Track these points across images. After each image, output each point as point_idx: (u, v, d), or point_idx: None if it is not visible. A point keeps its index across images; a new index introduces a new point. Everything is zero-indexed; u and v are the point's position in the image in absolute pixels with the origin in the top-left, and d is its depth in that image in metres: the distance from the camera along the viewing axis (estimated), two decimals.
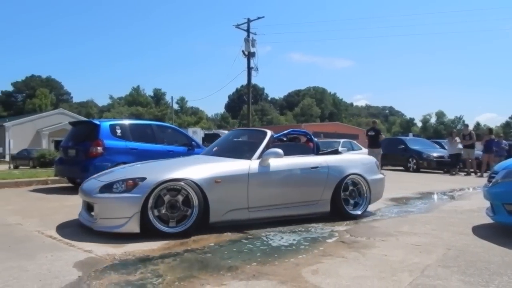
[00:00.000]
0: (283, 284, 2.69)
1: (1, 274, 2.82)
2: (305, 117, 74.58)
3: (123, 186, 3.96)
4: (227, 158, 4.72)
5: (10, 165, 26.26)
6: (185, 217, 4.02)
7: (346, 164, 5.12)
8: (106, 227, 3.95)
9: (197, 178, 4.09)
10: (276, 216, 4.62)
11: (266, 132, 5.03)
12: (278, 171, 4.62)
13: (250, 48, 27.07)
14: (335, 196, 4.92)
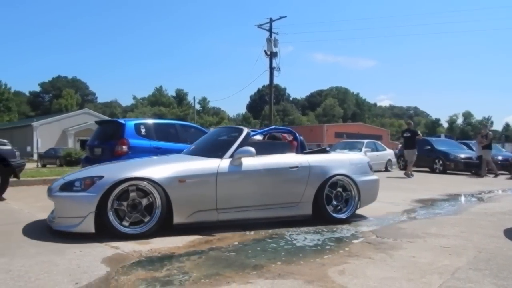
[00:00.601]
0: (309, 283, 2.67)
1: (33, 268, 2.89)
2: (327, 117, 74.06)
3: (82, 185, 3.84)
4: (198, 157, 4.57)
5: (38, 164, 26.96)
6: (147, 218, 3.88)
7: (330, 164, 4.80)
8: (62, 226, 3.85)
9: (157, 177, 3.91)
10: (250, 218, 4.38)
11: (242, 129, 4.79)
12: (252, 171, 4.38)
13: (272, 48, 26.99)
14: (317, 198, 4.64)
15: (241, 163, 4.34)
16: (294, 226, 4.42)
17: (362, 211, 5.26)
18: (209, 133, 5.82)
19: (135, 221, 3.86)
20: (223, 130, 5.74)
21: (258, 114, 74.12)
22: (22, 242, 3.58)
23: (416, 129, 13.73)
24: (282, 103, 78.29)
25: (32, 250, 3.37)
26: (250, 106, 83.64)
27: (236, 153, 4.35)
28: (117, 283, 2.64)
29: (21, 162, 6.93)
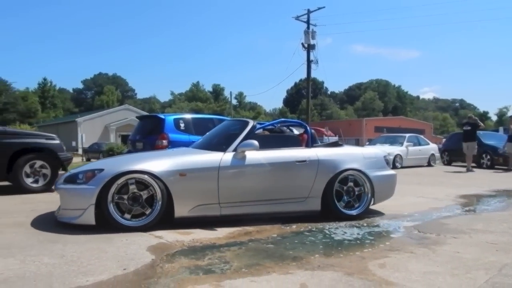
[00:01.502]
0: (349, 276, 2.67)
1: (84, 254, 3.06)
2: (366, 111, 72.47)
3: (83, 178, 3.88)
4: (201, 151, 4.53)
5: (83, 158, 28.15)
6: (148, 211, 3.90)
7: (341, 158, 4.61)
8: (65, 218, 3.93)
9: (157, 170, 3.91)
10: (254, 213, 4.30)
11: (248, 122, 4.68)
12: (256, 165, 4.29)
13: (310, 40, 26.64)
14: (326, 194, 4.48)
15: (245, 157, 4.26)
16: (333, 221, 4.41)
17: (397, 207, 5.18)
18: (218, 126, 5.71)
19: (136, 214, 3.88)
20: (230, 123, 5.62)
21: (295, 108, 73.65)
22: (73, 230, 3.77)
23: (477, 120, 13.09)
24: (320, 97, 77.30)
25: (83, 237, 3.55)
26: (287, 100, 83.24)
27: (239, 146, 4.27)
28: (162, 270, 2.75)
29: (69, 156, 7.27)
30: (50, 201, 5.69)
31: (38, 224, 4.11)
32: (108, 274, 2.64)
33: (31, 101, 58.06)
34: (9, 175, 6.48)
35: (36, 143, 6.73)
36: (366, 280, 2.58)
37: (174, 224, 3.95)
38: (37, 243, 3.37)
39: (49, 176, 6.75)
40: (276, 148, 4.56)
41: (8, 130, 6.95)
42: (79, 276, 2.58)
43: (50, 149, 6.79)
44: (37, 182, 6.66)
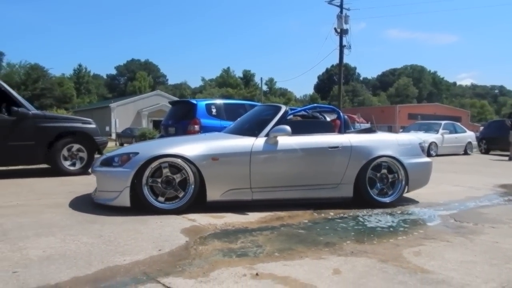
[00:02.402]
0: (383, 262, 2.64)
1: (121, 234, 3.16)
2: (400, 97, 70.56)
3: (119, 161, 3.99)
4: (233, 135, 4.53)
5: (116, 142, 28.86)
6: (181, 194, 3.95)
7: (375, 145, 4.53)
8: (102, 199, 4.05)
9: (190, 154, 3.96)
10: (286, 198, 4.30)
11: (280, 107, 4.65)
12: (287, 150, 4.28)
13: (343, 25, 26.04)
14: (359, 180, 4.42)
15: (277, 142, 4.25)
16: (365, 208, 4.36)
17: (433, 195, 5.06)
18: (250, 112, 5.70)
19: (169, 197, 3.95)
20: (262, 108, 5.59)
21: (326, 94, 72.69)
22: (109, 211, 3.89)
23: None
24: (352, 83, 75.87)
25: (119, 219, 3.66)
26: (318, 86, 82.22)
27: (271, 131, 4.27)
28: (196, 252, 2.80)
29: (104, 140, 7.47)
30: (87, 183, 5.88)
31: (77, 205, 4.26)
32: (144, 254, 2.71)
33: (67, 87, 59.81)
34: (48, 158, 6.72)
35: (74, 127, 6.93)
36: (401, 268, 2.55)
37: (206, 208, 4.00)
38: (76, 223, 3.49)
39: (85, 159, 6.96)
40: (308, 133, 4.53)
41: (48, 115, 7.16)
42: (116, 256, 2.67)
43: (86, 133, 7.00)
44: (74, 165, 6.88)
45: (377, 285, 2.28)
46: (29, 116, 6.47)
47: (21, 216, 3.74)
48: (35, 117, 6.55)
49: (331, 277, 2.39)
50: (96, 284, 2.21)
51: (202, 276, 2.36)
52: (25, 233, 3.16)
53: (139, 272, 2.39)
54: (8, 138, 6.29)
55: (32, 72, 52.95)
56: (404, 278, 2.38)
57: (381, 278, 2.37)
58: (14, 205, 4.29)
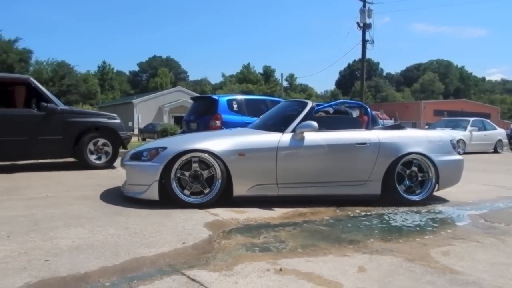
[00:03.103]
0: (410, 261, 2.60)
1: (146, 227, 3.21)
2: (425, 93, 68.51)
3: (148, 155, 4.06)
4: (259, 131, 4.54)
5: (139, 138, 29.31)
6: (207, 189, 3.99)
7: (404, 141, 4.44)
8: (131, 192, 4.13)
9: (217, 149, 3.99)
10: (312, 194, 4.27)
11: (307, 103, 4.61)
12: (314, 146, 4.24)
13: (366, 19, 25.50)
14: (387, 177, 4.34)
15: (303, 138, 4.22)
16: (390, 205, 4.29)
17: (461, 194, 4.94)
18: (276, 107, 5.67)
19: (196, 191, 3.99)
20: (288, 104, 5.56)
21: (347, 90, 71.64)
22: (134, 204, 3.96)
23: None
24: (374, 79, 74.40)
25: (144, 212, 3.72)
26: (339, 82, 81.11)
27: (298, 127, 4.24)
28: (219, 246, 2.82)
29: (128, 135, 7.59)
30: (112, 176, 6.00)
31: (103, 198, 4.35)
32: (168, 246, 2.75)
33: (91, 83, 60.89)
34: (75, 152, 6.88)
35: (100, 122, 7.07)
36: (429, 267, 2.50)
37: (228, 203, 4.02)
38: (103, 215, 3.57)
39: (110, 153, 7.09)
40: (336, 129, 4.49)
41: (75, 110, 7.36)
42: (142, 247, 2.71)
43: (111, 128, 7.12)
44: (100, 159, 7.01)
45: (404, 284, 2.24)
46: (58, 111, 6.63)
47: (51, 207, 3.85)
48: (63, 112, 6.71)
49: (356, 274, 2.37)
50: (123, 274, 2.25)
51: (226, 269, 2.38)
52: (55, 224, 3.25)
53: (164, 264, 2.43)
54: (38, 132, 6.47)
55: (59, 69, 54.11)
56: (432, 278, 2.33)
57: (408, 278, 2.34)
58: (44, 196, 4.42)
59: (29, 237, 2.90)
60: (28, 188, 4.93)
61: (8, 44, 45.59)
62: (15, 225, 3.20)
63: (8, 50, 44.81)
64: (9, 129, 6.30)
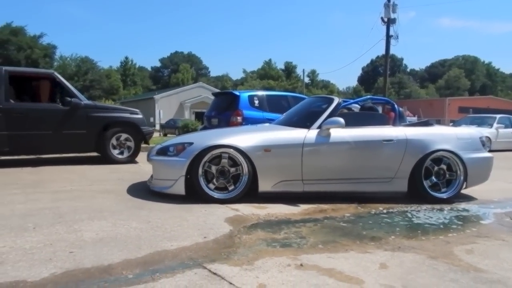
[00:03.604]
0: (433, 259, 2.56)
1: (168, 221, 3.25)
2: (450, 90, 66.93)
3: (174, 150, 4.10)
4: (285, 127, 4.53)
5: (160, 133, 29.65)
6: (234, 185, 4.02)
7: (432, 138, 4.37)
8: (158, 187, 4.17)
9: (243, 145, 4.00)
10: (337, 191, 4.25)
11: (333, 99, 4.58)
12: (340, 143, 4.22)
13: (390, 14, 25.00)
14: (414, 175, 4.29)
15: (329, 135, 4.20)
16: (413, 203, 4.24)
17: (486, 192, 4.83)
18: (301, 103, 5.64)
19: (220, 187, 4.02)
20: (314, 100, 5.56)
21: (370, 87, 70.55)
22: (156, 198, 4.02)
23: None
24: (398, 75, 73.01)
25: (165, 206, 3.77)
26: (362, 78, 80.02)
27: (324, 123, 4.23)
28: (240, 241, 2.83)
29: (150, 130, 7.70)
30: (134, 171, 6.10)
31: (125, 192, 4.43)
32: (190, 240, 2.77)
33: (114, 79, 61.81)
34: (98, 147, 7.01)
35: (123, 117, 7.18)
36: (452, 265, 2.46)
37: (249, 199, 4.03)
38: (125, 209, 3.63)
39: (132, 148, 7.19)
40: (362, 126, 4.46)
41: (98, 105, 7.51)
42: (164, 241, 2.75)
43: (134, 123, 7.22)
44: (122, 154, 7.13)
45: (426, 282, 2.21)
46: (81, 106, 6.76)
47: (75, 201, 3.95)
48: (86, 107, 6.84)
49: (378, 271, 2.35)
50: (145, 267, 2.29)
51: (246, 264, 2.39)
52: (79, 216, 3.33)
53: (186, 258, 2.46)
54: (62, 126, 6.62)
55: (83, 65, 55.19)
56: (456, 276, 2.29)
57: (430, 275, 2.30)
58: (68, 190, 4.53)
59: (54, 229, 2.98)
60: (53, 182, 5.06)
61: (33, 40, 46.60)
62: (41, 218, 3.29)
63: (33, 45, 45.82)
64: (34, 123, 6.46)
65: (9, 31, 44.27)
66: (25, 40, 45.22)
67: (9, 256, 2.42)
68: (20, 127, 6.34)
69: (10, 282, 2.07)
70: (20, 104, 6.56)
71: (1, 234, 2.85)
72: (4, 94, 6.28)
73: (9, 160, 7.10)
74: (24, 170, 6.13)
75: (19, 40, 44.47)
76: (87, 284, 2.07)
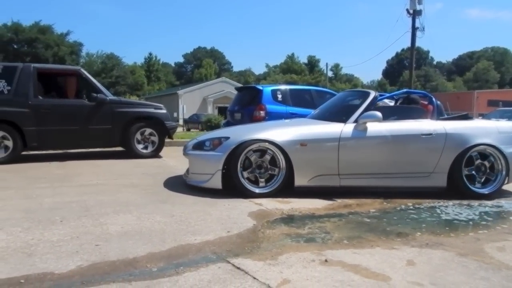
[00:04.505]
0: (463, 256, 2.48)
1: (191, 215, 3.26)
2: (478, 83, 64.96)
3: (210, 145, 4.13)
4: (320, 121, 4.49)
5: (183, 128, 29.94)
6: (272, 179, 4.03)
7: (472, 132, 4.26)
8: (195, 181, 4.21)
9: (279, 140, 4.00)
10: (373, 186, 4.21)
11: (369, 93, 4.51)
12: (377, 137, 4.16)
13: (416, 5, 24.38)
14: (454, 170, 4.18)
15: (366, 129, 4.15)
16: (441, 198, 4.13)
17: None
18: (335, 97, 5.64)
19: (256, 180, 4.02)
20: (349, 93, 5.54)
21: (395, 80, 69.29)
22: (180, 193, 4.06)
23: None
24: (424, 68, 71.35)
25: (189, 200, 3.79)
26: (387, 71, 78.60)
27: (361, 117, 4.18)
28: (263, 235, 2.82)
29: (174, 125, 7.75)
30: (158, 165, 6.17)
31: (150, 186, 4.48)
32: (213, 235, 2.78)
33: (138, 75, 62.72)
34: (123, 141, 7.12)
35: (147, 112, 7.25)
36: (483, 263, 2.38)
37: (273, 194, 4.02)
38: (150, 203, 3.67)
39: (157, 143, 7.26)
40: (399, 120, 4.40)
41: (123, 100, 7.62)
42: (188, 235, 2.76)
43: (158, 118, 7.28)
44: (146, 148, 7.20)
45: (456, 280, 2.14)
46: (107, 101, 6.86)
47: (101, 194, 4.01)
48: (112, 102, 6.95)
49: (405, 268, 2.29)
50: (169, 260, 2.31)
51: (270, 259, 2.37)
52: (104, 210, 3.38)
53: (210, 252, 2.46)
54: (88, 122, 6.74)
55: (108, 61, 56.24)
56: (487, 274, 2.22)
57: (460, 272, 2.23)
58: (94, 184, 4.61)
59: (81, 222, 3.04)
60: (80, 176, 5.17)
61: (60, 37, 47.66)
62: (68, 211, 3.36)
63: (60, 43, 46.84)
64: (61, 119, 6.60)
65: (37, 30, 45.39)
66: (52, 38, 46.28)
67: (37, 249, 2.47)
68: (48, 123, 6.48)
69: (38, 274, 2.12)
70: (48, 100, 6.70)
71: (30, 227, 2.92)
72: (33, 90, 6.44)
73: (37, 154, 7.29)
74: (52, 164, 6.27)
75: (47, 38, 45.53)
76: (112, 276, 2.09)
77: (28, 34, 44.60)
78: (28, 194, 4.02)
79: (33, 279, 2.05)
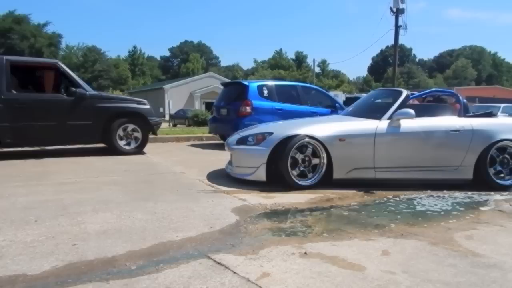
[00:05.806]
0: (434, 245, 2.59)
1: (174, 212, 3.27)
2: (457, 80, 66.46)
3: (254, 140, 4.42)
4: (357, 118, 4.78)
5: (169, 124, 29.69)
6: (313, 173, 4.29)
7: (497, 128, 4.56)
8: (239, 174, 4.49)
9: (320, 135, 4.26)
10: (406, 178, 4.46)
11: (402, 91, 4.83)
12: (410, 133, 4.44)
13: (399, 4, 24.66)
14: (479, 163, 4.46)
15: (400, 125, 4.44)
16: (421, 189, 4.27)
17: None
18: (368, 95, 6.05)
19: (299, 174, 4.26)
20: (381, 92, 6.01)
21: (380, 76, 69.92)
22: (162, 190, 4.06)
23: None
24: (407, 65, 72.35)
25: (172, 197, 3.79)
26: (372, 68, 79.29)
27: (395, 114, 4.47)
28: (246, 230, 2.85)
29: (158, 120, 7.64)
30: (141, 162, 6.13)
31: (131, 183, 4.45)
32: (195, 231, 2.79)
33: (122, 69, 61.66)
34: (104, 138, 6.97)
35: (129, 108, 7.10)
36: (451, 251, 2.50)
37: (257, 188, 4.11)
38: (131, 200, 3.65)
39: (140, 139, 7.12)
40: (429, 117, 4.68)
41: (104, 95, 7.39)
42: (169, 232, 2.77)
43: (141, 114, 7.15)
44: (129, 145, 7.06)
45: (426, 267, 2.24)
46: (87, 96, 6.66)
47: (79, 193, 3.95)
48: (92, 97, 6.75)
49: (380, 258, 2.37)
50: (150, 258, 2.32)
51: (251, 253, 2.40)
52: (83, 209, 3.33)
53: (191, 248, 2.48)
54: (67, 117, 6.51)
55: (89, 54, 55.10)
56: (455, 261, 2.34)
57: (430, 261, 2.34)
58: (73, 181, 4.52)
59: (57, 221, 2.98)
60: (57, 173, 5.03)
61: (37, 28, 45.71)
62: (44, 210, 3.28)
63: (37, 34, 44.96)
64: (38, 114, 6.35)
65: (11, 20, 43.64)
66: (28, 28, 44.41)
67: (9, 250, 2.41)
68: (23, 118, 6.22)
69: (9, 276, 2.06)
70: (23, 95, 6.44)
71: (1, 227, 2.82)
72: (5, 84, 6.15)
73: (12, 152, 7.03)
74: (27, 162, 6.05)
75: (23, 28, 43.62)
76: (89, 276, 2.08)
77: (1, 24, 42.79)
78: (0, 193, 3.89)
79: (3, 282, 2.00)
